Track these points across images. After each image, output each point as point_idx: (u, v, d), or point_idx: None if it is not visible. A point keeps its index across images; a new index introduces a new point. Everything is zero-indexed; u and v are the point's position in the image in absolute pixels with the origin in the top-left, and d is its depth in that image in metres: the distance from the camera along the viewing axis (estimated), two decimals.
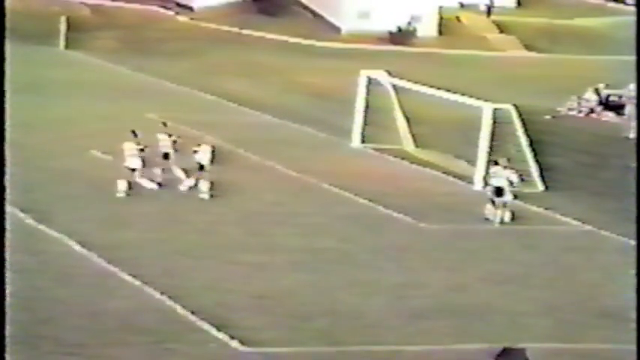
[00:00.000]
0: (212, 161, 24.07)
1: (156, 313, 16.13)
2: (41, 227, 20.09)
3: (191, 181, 23.63)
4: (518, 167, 27.22)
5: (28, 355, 14.15)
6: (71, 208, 21.75)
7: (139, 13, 52.44)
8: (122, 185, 22.83)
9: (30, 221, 20.38)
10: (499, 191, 23.47)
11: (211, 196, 23.07)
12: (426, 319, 17.04)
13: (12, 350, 13.97)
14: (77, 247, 19.02)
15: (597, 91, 38.21)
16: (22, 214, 20.63)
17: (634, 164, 23.09)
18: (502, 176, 23.58)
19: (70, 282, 17.28)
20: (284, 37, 50.67)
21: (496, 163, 24.31)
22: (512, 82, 42.88)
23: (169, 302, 16.52)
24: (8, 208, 22.22)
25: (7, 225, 8.05)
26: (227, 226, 21.53)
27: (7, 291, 15.91)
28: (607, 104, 37.91)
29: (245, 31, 50.97)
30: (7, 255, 17.75)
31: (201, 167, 23.92)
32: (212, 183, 23.45)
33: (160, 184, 23.39)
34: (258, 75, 42.31)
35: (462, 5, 56.25)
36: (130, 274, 17.66)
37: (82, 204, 22.16)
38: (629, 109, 36.39)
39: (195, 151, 24.23)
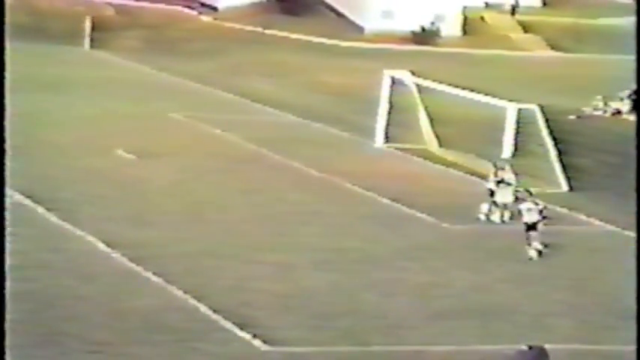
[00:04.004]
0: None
1: (179, 311, 16.18)
2: (66, 225, 20.21)
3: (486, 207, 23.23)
4: (542, 167, 27.13)
5: (52, 352, 14.24)
6: (96, 206, 21.86)
7: (163, 13, 52.62)
8: (484, 208, 23.12)
9: (55, 219, 20.50)
10: (532, 226, 20.95)
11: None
12: (450, 319, 17.00)
13: (36, 347, 14.09)
14: (102, 246, 19.11)
15: (631, 92, 37.77)
16: (47, 213, 20.76)
17: None
18: (533, 209, 21.08)
19: (94, 280, 17.37)
20: (307, 37, 50.69)
21: (530, 193, 21.82)
22: (536, 82, 42.66)
23: (193, 301, 16.57)
24: (34, 206, 22.32)
25: (33, 223, 8.08)
26: (250, 226, 21.58)
27: (32, 288, 16.03)
28: (635, 104, 37.59)
29: (268, 31, 51.03)
30: (33, 253, 17.90)
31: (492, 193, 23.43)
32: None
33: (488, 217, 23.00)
34: (282, 75, 42.35)
35: (486, 5, 56.02)
36: (154, 273, 17.73)
37: (107, 203, 22.27)
38: None
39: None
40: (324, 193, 25.00)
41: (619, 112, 37.66)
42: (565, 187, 27.67)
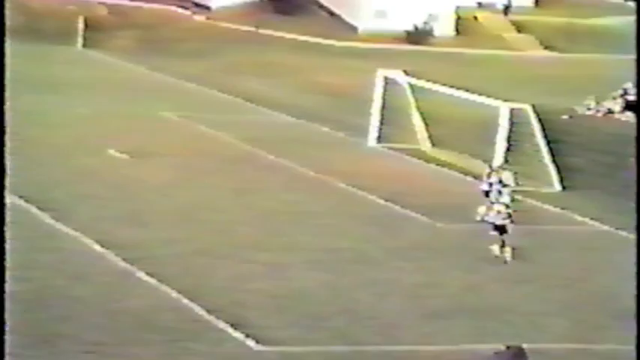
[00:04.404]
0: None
1: (173, 311, 16.17)
2: (59, 226, 20.17)
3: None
4: (535, 167, 27.16)
5: (46, 353, 14.21)
6: (89, 206, 21.83)
7: (157, 13, 52.58)
8: (481, 210, 21.21)
9: (48, 220, 20.46)
10: (501, 229, 20.62)
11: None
12: (443, 318, 17.02)
13: (30, 348, 14.06)
14: (95, 246, 19.08)
15: (624, 92, 37.88)
16: (40, 213, 20.73)
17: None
18: (502, 212, 20.69)
19: (88, 280, 17.35)
20: (301, 37, 50.70)
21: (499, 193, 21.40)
22: (529, 81, 42.75)
23: (186, 301, 16.56)
24: (27, 206, 22.24)
25: (26, 224, 8.08)
26: (244, 226, 21.58)
27: (25, 288, 15.99)
28: (627, 104, 37.71)
29: (262, 31, 51.03)
30: (26, 253, 17.82)
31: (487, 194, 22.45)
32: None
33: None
34: (275, 74, 42.35)
35: (479, 4, 56.11)
36: (147, 273, 17.72)
37: (99, 203, 22.24)
38: None
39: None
40: (317, 192, 25.01)
41: (611, 111, 37.76)
42: (558, 187, 27.74)
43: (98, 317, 15.66)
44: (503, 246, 20.60)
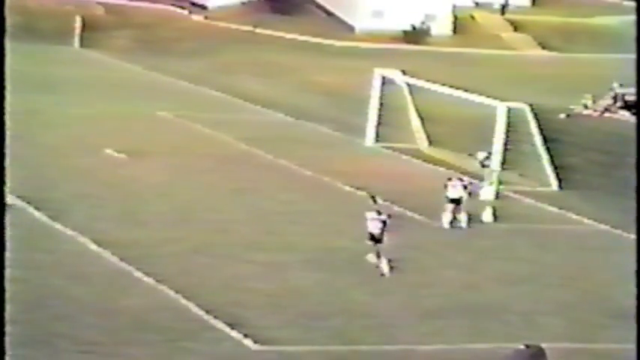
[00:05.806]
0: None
1: (170, 311, 16.17)
2: (56, 225, 20.16)
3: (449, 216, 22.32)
4: (532, 166, 27.18)
5: (43, 352, 14.21)
6: (86, 206, 21.82)
7: (154, 13, 52.55)
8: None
9: (45, 219, 20.45)
10: (375, 238, 18.91)
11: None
12: (440, 318, 17.02)
13: (27, 347, 14.06)
14: (92, 246, 19.08)
15: (615, 94, 37.95)
16: (37, 212, 20.72)
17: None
18: (375, 219, 19.09)
19: (85, 280, 17.34)
20: (298, 37, 50.70)
21: (374, 201, 20.49)
22: (526, 81, 42.76)
23: (183, 301, 16.56)
24: (24, 206, 22.21)
25: (23, 223, 8.09)
26: (241, 225, 21.57)
27: (22, 288, 15.97)
28: (624, 103, 37.74)
29: (259, 30, 51.02)
30: (23, 253, 17.82)
31: (458, 202, 22.68)
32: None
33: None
34: (272, 74, 42.35)
35: (476, 4, 56.13)
36: (144, 273, 17.71)
37: (97, 202, 22.23)
38: None
39: (445, 185, 23.08)
40: (314, 192, 25.01)
41: (608, 110, 37.78)
42: (555, 186, 27.75)
43: (95, 317, 15.65)
44: (379, 257, 18.84)
